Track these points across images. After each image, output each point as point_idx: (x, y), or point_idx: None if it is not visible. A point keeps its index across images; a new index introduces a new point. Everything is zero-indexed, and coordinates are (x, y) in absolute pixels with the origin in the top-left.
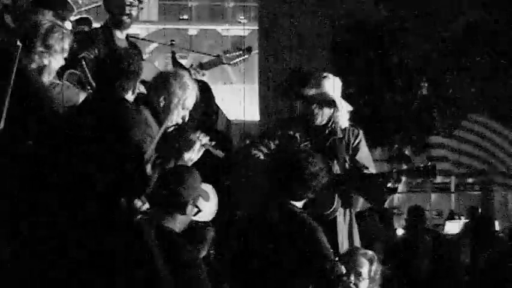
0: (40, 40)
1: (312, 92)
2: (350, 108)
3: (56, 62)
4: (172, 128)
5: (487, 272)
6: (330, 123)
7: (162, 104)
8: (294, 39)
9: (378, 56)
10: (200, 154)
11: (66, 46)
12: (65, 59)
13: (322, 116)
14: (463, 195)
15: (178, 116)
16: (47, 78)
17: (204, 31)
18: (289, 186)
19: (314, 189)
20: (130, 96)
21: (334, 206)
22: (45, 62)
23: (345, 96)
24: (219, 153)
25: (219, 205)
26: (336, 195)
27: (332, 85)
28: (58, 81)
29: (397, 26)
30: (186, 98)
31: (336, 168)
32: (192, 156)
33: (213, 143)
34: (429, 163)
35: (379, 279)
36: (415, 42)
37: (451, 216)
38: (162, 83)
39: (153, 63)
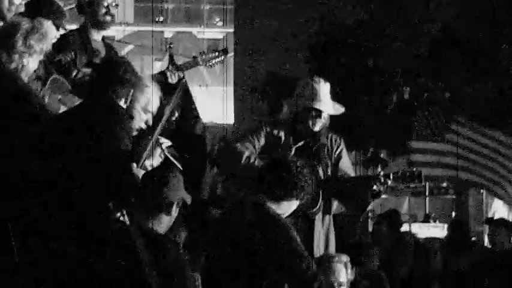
0: (21, 40)
1: (328, 109)
2: (342, 110)
3: (33, 62)
4: (135, 134)
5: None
6: (322, 127)
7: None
8: (270, 41)
9: (354, 59)
10: (160, 160)
11: (45, 47)
12: (44, 61)
13: (320, 123)
14: (437, 199)
15: (141, 120)
16: (25, 79)
17: (180, 33)
18: (272, 187)
19: (297, 195)
20: (123, 103)
21: (319, 205)
22: (25, 62)
23: None
24: (178, 164)
25: (193, 205)
26: (321, 194)
27: (326, 91)
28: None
29: (374, 29)
30: (148, 102)
31: (320, 174)
32: (152, 162)
33: (171, 151)
34: (414, 169)
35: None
36: (392, 46)
37: (426, 220)
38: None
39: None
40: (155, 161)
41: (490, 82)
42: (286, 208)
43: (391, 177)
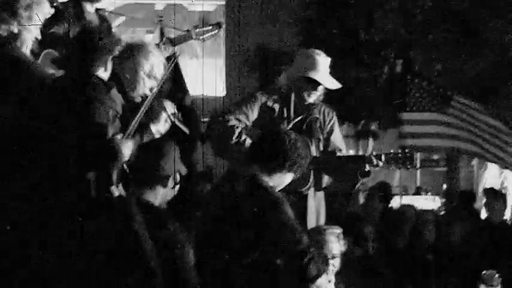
0: (23, 8)
1: (326, 81)
2: (339, 86)
3: (28, 32)
4: (140, 99)
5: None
6: (316, 101)
7: (128, 76)
8: (261, 14)
9: (345, 31)
10: (167, 126)
11: (33, 15)
12: (41, 32)
13: (316, 95)
14: (428, 171)
15: (145, 86)
16: (21, 47)
17: (171, 6)
18: (265, 158)
19: (289, 167)
20: (103, 73)
21: (309, 183)
22: (14, 29)
23: None
24: (185, 128)
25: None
26: (312, 173)
27: (326, 65)
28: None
29: (364, 0)
30: (152, 68)
31: (312, 149)
32: (158, 127)
33: (180, 114)
34: (407, 150)
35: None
36: (383, 18)
37: (417, 192)
38: (127, 56)
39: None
40: (161, 126)
41: (480, 56)
42: (279, 181)
43: (383, 158)
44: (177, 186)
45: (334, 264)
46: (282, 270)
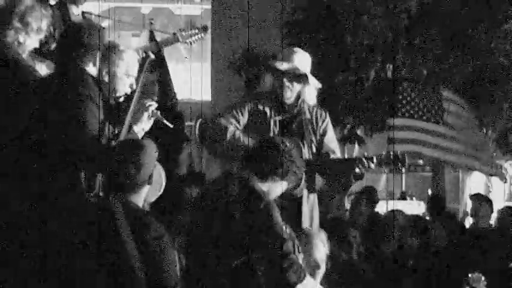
0: (18, 16)
1: (283, 66)
2: (319, 85)
3: (31, 41)
4: (122, 99)
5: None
6: (299, 100)
7: (106, 78)
8: (247, 18)
9: (331, 35)
10: (150, 124)
11: (44, 27)
12: (40, 40)
13: (292, 90)
14: (413, 176)
15: (125, 85)
16: (22, 55)
17: (157, 10)
18: (259, 166)
19: (281, 175)
20: (91, 69)
21: (301, 186)
22: (21, 39)
23: None
24: (168, 123)
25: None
26: (304, 176)
27: (303, 60)
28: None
29: (351, 4)
30: (128, 66)
31: (304, 151)
32: (142, 126)
33: (159, 112)
34: (399, 152)
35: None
36: (369, 22)
37: (403, 197)
38: (102, 57)
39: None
40: (145, 124)
41: (467, 59)
42: (272, 187)
43: (374, 160)
44: (162, 187)
45: (321, 268)
46: (264, 274)
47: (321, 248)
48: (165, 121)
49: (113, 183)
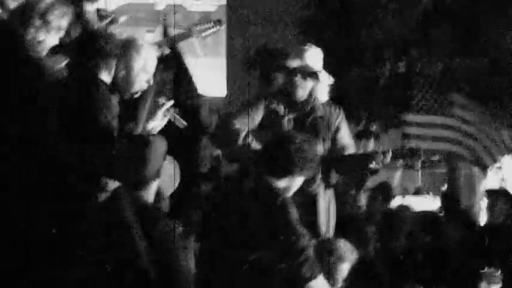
0: (39, 14)
1: (295, 63)
2: (331, 81)
3: (52, 39)
4: (138, 95)
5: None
6: (312, 98)
7: (123, 73)
8: (262, 14)
9: (346, 31)
10: (164, 122)
11: (65, 25)
12: (61, 39)
13: (304, 89)
14: (429, 172)
15: (141, 81)
16: (41, 53)
17: (171, 6)
18: (273, 167)
19: (299, 173)
20: (106, 77)
21: (317, 182)
22: (41, 37)
23: None
24: (182, 123)
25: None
26: (319, 172)
27: (314, 56)
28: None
29: (366, 1)
30: (145, 62)
31: (319, 148)
32: (155, 124)
33: (177, 110)
34: (414, 145)
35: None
36: (383, 17)
37: (417, 193)
38: (119, 53)
39: (121, 36)
40: (158, 122)
41: (481, 55)
42: (289, 184)
43: (390, 154)
44: (177, 181)
45: (344, 271)
46: (280, 270)
47: (346, 270)
48: (179, 121)
49: (121, 179)
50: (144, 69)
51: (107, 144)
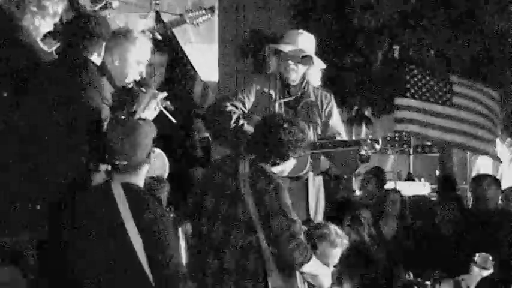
0: (35, 0)
1: (288, 48)
2: (323, 66)
3: (46, 25)
4: (131, 85)
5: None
6: (304, 82)
7: (117, 64)
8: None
9: (338, 16)
10: (156, 113)
11: (59, 10)
12: (55, 24)
13: (297, 72)
14: (421, 157)
15: (135, 72)
16: (35, 39)
17: None
18: (263, 152)
19: (289, 156)
20: (96, 59)
21: (307, 168)
22: (36, 22)
23: None
24: (172, 117)
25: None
26: (309, 158)
27: (307, 41)
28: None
29: None
30: (140, 53)
31: (309, 133)
32: (147, 114)
33: (169, 103)
34: (404, 133)
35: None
36: (376, 2)
37: (410, 178)
38: (114, 43)
39: (114, 21)
40: (150, 113)
41: (474, 40)
42: (281, 168)
43: (380, 141)
44: (166, 174)
45: (335, 256)
46: (271, 255)
47: (338, 255)
48: (169, 115)
49: (111, 164)
50: (138, 60)
51: (96, 125)
